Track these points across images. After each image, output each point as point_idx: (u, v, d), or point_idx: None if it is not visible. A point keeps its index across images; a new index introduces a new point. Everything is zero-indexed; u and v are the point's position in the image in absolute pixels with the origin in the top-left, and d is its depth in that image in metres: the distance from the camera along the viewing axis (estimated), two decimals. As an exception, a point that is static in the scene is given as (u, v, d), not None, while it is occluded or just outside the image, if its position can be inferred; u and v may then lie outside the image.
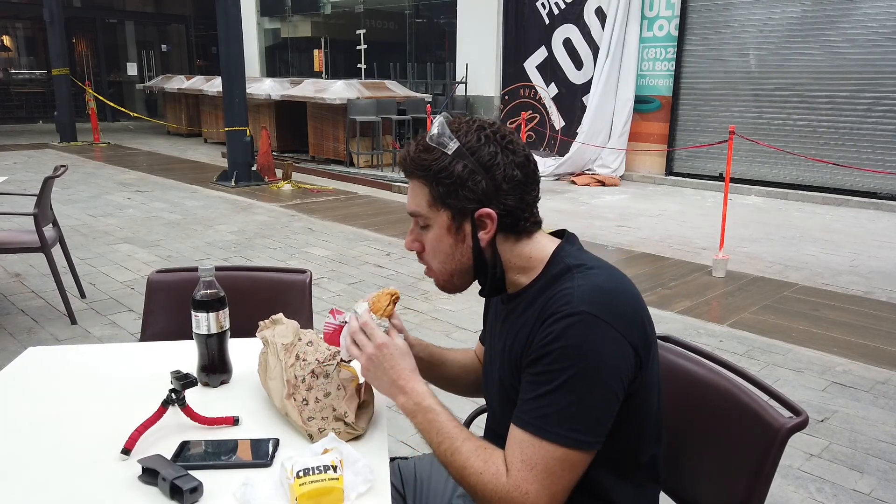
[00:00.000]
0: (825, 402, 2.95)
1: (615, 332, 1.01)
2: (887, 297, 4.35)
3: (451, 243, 1.13)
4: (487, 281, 1.16)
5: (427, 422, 1.10)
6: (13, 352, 3.26)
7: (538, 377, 1.03)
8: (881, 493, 2.31)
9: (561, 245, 1.15)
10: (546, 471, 1.01)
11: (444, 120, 1.10)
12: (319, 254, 5.29)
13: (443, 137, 1.08)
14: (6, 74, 17.68)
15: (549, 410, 1.01)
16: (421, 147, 1.11)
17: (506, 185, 1.08)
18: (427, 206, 1.12)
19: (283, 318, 1.41)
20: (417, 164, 1.11)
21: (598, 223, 6.48)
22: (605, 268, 1.10)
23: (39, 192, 3.76)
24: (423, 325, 3.78)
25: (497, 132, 1.10)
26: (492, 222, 1.10)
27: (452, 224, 1.11)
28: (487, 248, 1.13)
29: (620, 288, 1.07)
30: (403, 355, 1.16)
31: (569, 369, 1.00)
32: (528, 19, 9.86)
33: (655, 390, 1.13)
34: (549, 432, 1.01)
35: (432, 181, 1.10)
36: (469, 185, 1.07)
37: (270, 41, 15.58)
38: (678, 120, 8.87)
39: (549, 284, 1.09)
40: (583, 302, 1.01)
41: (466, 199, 1.08)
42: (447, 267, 1.16)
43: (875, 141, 7.34)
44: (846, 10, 7.34)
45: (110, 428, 1.19)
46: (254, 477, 1.04)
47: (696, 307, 4.15)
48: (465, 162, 1.07)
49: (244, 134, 8.30)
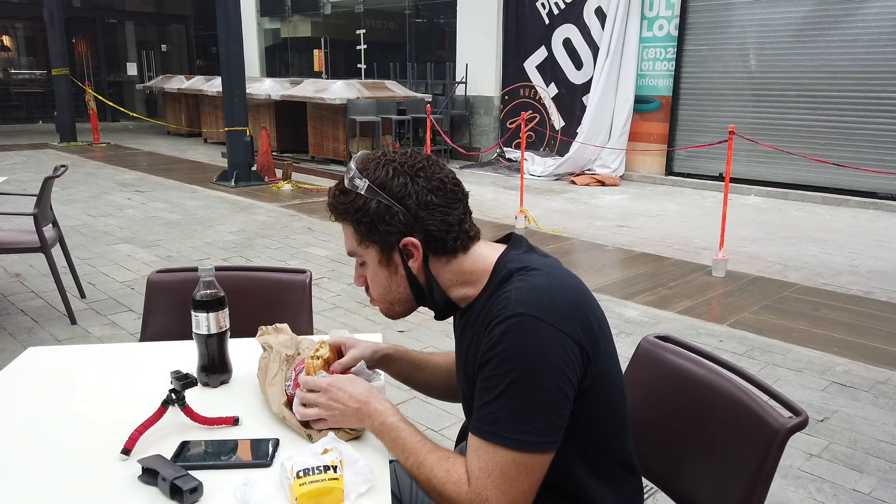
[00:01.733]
0: (825, 402, 2.95)
1: (555, 330, 1.01)
2: (887, 297, 4.35)
3: (385, 275, 1.17)
4: (430, 304, 1.20)
5: (392, 440, 1.12)
6: (13, 352, 3.27)
7: (485, 383, 1.04)
8: (881, 493, 2.31)
9: (505, 251, 1.16)
10: (502, 476, 1.01)
11: (353, 163, 1.15)
12: (319, 254, 5.29)
13: (353, 179, 1.13)
14: (6, 74, 17.67)
15: (499, 415, 1.02)
16: (339, 191, 1.16)
17: (423, 213, 1.11)
18: (357, 244, 1.17)
19: (287, 328, 1.41)
20: (337, 208, 1.15)
21: (598, 223, 6.48)
22: (548, 266, 1.11)
23: (39, 193, 3.76)
24: (422, 326, 3.77)
25: (405, 163, 1.13)
26: (417, 250, 1.13)
27: (382, 257, 1.15)
28: (420, 273, 1.16)
29: (560, 286, 1.07)
30: (352, 383, 1.19)
31: (511, 373, 1.01)
32: (528, 19, 9.86)
33: (617, 383, 1.14)
34: (499, 437, 1.01)
35: (353, 221, 1.14)
36: (386, 218, 1.11)
37: (270, 41, 15.57)
38: (678, 120, 8.87)
39: (493, 292, 1.11)
40: (519, 304, 1.03)
41: (388, 233, 1.12)
42: (387, 297, 1.20)
43: (875, 141, 7.34)
44: (846, 10, 7.34)
45: (110, 428, 1.19)
46: (254, 477, 1.04)
47: (696, 307, 4.16)
48: (378, 198, 1.11)
49: (244, 134, 8.30)
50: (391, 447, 1.13)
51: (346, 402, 1.15)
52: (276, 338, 1.36)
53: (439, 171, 1.14)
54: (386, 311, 1.23)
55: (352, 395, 1.16)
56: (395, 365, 1.40)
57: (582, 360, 1.04)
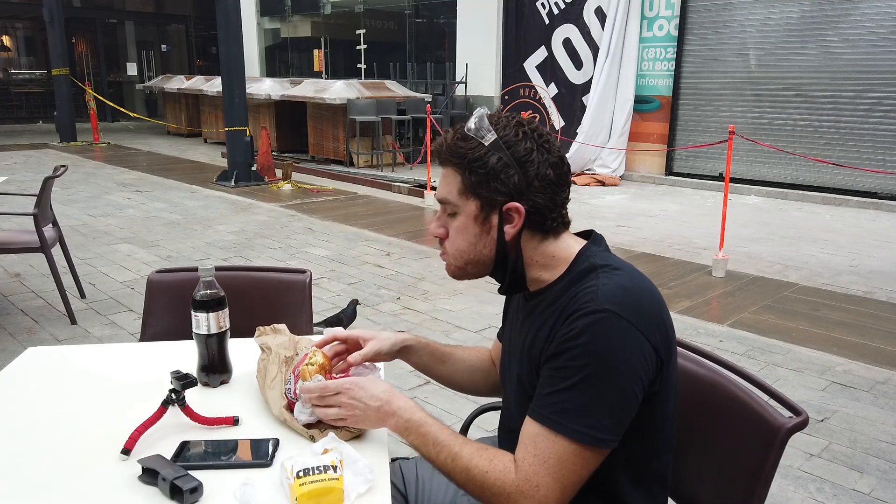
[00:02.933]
0: (825, 402, 2.95)
1: (638, 333, 1.01)
2: (887, 297, 4.35)
3: (475, 233, 1.13)
4: (507, 276, 1.16)
5: (421, 436, 1.11)
6: (13, 352, 3.27)
7: (557, 372, 1.03)
8: (881, 493, 2.31)
9: (587, 245, 1.16)
10: (559, 464, 1.01)
11: (483, 112, 1.12)
12: (319, 254, 5.29)
13: (481, 129, 1.09)
14: (6, 74, 17.67)
15: (568, 406, 1.01)
16: (458, 136, 1.11)
17: (537, 183, 1.09)
18: (457, 193, 1.12)
19: (285, 329, 1.41)
20: (453, 151, 1.11)
21: (598, 223, 6.48)
22: (629, 269, 1.11)
23: (39, 192, 3.75)
24: (423, 325, 3.78)
25: (535, 130, 1.11)
26: (519, 217, 1.11)
27: (480, 214, 1.12)
28: (511, 242, 1.13)
29: (645, 289, 1.07)
30: (373, 382, 1.17)
31: (588, 366, 1.00)
32: (528, 19, 9.86)
33: (674, 395, 1.13)
34: (564, 426, 1.01)
35: (465, 169, 1.10)
36: (501, 177, 1.08)
37: (270, 41, 15.57)
38: (678, 120, 8.87)
39: (573, 283, 1.10)
40: (607, 300, 1.02)
41: (497, 191, 1.09)
42: (466, 255, 1.15)
43: (875, 141, 7.34)
44: (846, 10, 7.34)
45: (110, 428, 1.19)
46: (254, 477, 1.04)
47: (696, 307, 4.15)
48: (500, 155, 1.08)
49: (244, 134, 8.30)
50: (418, 444, 1.11)
51: (367, 402, 1.13)
52: (275, 339, 1.36)
53: (559, 150, 1.13)
54: (456, 268, 1.18)
55: (373, 394, 1.14)
56: (414, 356, 1.39)
57: (656, 365, 1.04)
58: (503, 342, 1.33)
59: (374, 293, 4.35)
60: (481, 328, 3.78)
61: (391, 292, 4.37)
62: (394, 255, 5.24)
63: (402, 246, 5.55)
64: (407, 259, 5.13)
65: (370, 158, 9.84)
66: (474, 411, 1.60)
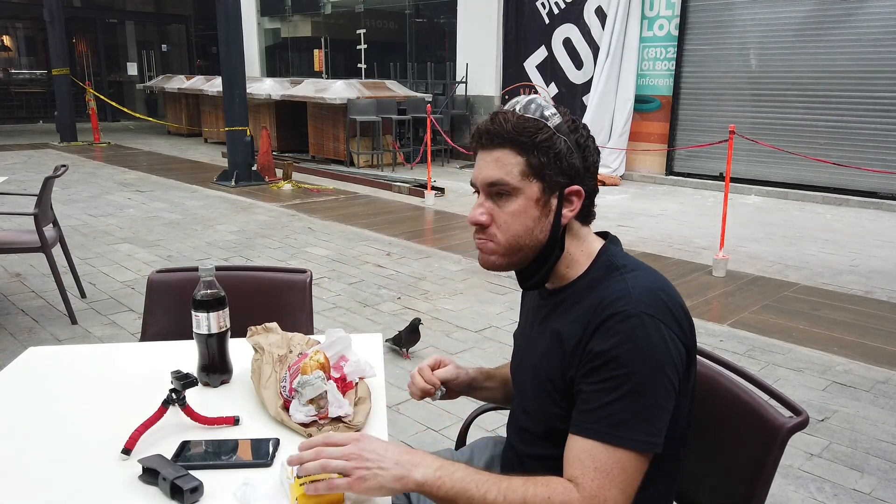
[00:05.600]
0: (825, 402, 2.95)
1: (671, 332, 1.02)
2: (887, 297, 4.35)
3: (535, 216, 1.09)
4: (545, 267, 1.13)
5: (460, 479, 1.00)
6: (13, 352, 3.27)
7: (603, 384, 1.01)
8: (881, 493, 2.31)
9: (606, 245, 1.16)
10: (623, 475, 0.99)
11: (545, 96, 1.12)
12: (319, 254, 5.29)
13: (545, 110, 1.09)
14: (6, 74, 17.69)
15: (624, 416, 0.99)
16: (519, 117, 1.08)
17: (592, 170, 1.12)
18: (518, 175, 1.08)
19: (277, 327, 1.41)
20: (520, 130, 1.07)
21: (599, 223, 6.38)
22: (649, 270, 1.12)
23: (40, 192, 3.76)
24: (423, 325, 3.77)
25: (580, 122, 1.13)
26: (579, 200, 1.11)
27: (542, 197, 1.09)
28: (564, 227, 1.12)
29: (669, 290, 1.09)
30: (387, 444, 1.04)
31: (637, 373, 0.99)
32: (528, 19, 9.86)
33: (692, 393, 1.13)
34: (625, 439, 0.99)
35: (532, 150, 1.07)
36: (567, 160, 1.08)
37: (270, 41, 15.58)
38: (678, 119, 8.86)
39: (597, 282, 1.10)
40: (640, 303, 1.02)
41: (562, 174, 1.09)
42: (521, 240, 1.10)
43: (875, 141, 7.33)
44: (847, 10, 7.33)
45: (110, 428, 1.19)
46: (254, 477, 1.04)
47: (697, 307, 4.15)
48: (564, 138, 1.08)
49: (244, 134, 8.30)
50: (460, 489, 0.99)
51: (383, 464, 0.99)
52: (267, 338, 1.36)
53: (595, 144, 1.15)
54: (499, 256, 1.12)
55: (390, 457, 1.00)
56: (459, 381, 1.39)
57: (686, 363, 1.05)
58: (516, 341, 1.32)
59: (375, 293, 4.35)
60: (481, 328, 3.78)
61: (391, 292, 4.37)
62: (394, 255, 5.25)
63: (402, 246, 5.55)
64: (407, 259, 5.13)
65: (370, 158, 9.84)
66: (474, 411, 1.60)
